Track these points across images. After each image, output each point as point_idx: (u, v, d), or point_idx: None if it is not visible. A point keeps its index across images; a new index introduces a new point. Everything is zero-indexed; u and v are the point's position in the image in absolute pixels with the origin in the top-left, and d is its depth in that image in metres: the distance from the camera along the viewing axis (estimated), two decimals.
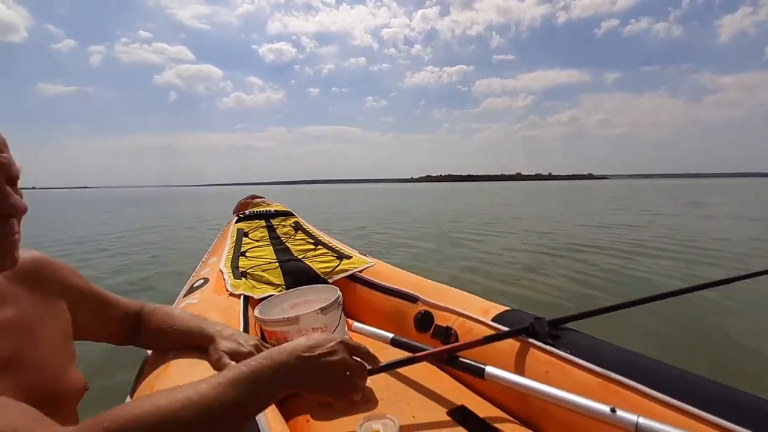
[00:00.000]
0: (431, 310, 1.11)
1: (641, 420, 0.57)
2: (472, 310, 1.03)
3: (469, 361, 0.81)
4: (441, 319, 1.07)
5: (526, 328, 0.87)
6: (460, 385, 0.92)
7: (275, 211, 1.76)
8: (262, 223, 1.66)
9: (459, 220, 9.21)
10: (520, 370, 0.82)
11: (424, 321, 1.09)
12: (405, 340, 0.96)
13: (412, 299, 1.17)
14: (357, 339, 1.07)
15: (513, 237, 6.27)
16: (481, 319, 0.98)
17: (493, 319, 0.97)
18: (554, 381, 0.75)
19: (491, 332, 0.93)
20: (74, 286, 0.66)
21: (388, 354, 1.00)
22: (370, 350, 0.62)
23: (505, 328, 0.91)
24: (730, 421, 0.55)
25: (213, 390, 0.45)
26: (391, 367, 0.71)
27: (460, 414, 0.79)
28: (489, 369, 0.77)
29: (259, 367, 0.50)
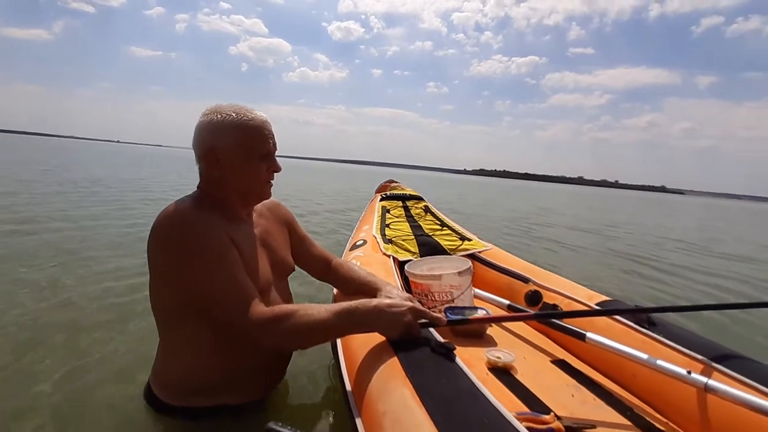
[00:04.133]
0: (540, 290, 1.36)
1: (710, 381, 0.78)
2: (578, 295, 1.26)
3: (573, 327, 1.06)
4: (549, 298, 1.32)
5: (628, 312, 1.08)
6: (558, 346, 1.17)
7: (409, 195, 2.15)
8: (400, 203, 2.06)
9: (552, 219, 8.80)
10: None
11: (534, 298, 1.35)
12: (519, 306, 1.24)
13: (524, 279, 1.43)
14: (478, 302, 1.40)
15: (609, 240, 5.88)
16: (586, 302, 1.21)
17: (597, 305, 1.19)
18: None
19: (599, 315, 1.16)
20: (291, 221, 1.18)
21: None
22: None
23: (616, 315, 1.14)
24: None
25: (328, 313, 0.83)
26: (462, 322, 1.04)
27: (562, 364, 1.05)
28: (590, 334, 1.02)
29: (354, 309, 0.84)
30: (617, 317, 1.09)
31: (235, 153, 0.90)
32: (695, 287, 3.77)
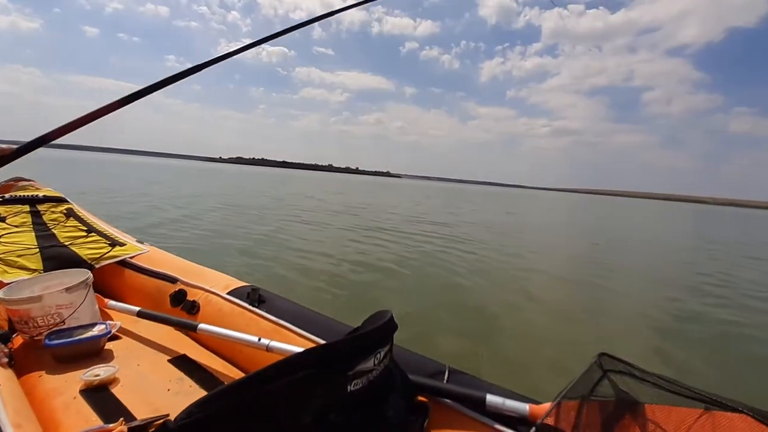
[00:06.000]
0: (186, 288, 1.38)
1: (271, 342, 0.98)
2: (217, 287, 1.35)
3: (187, 321, 1.12)
4: (192, 295, 1.35)
5: (244, 296, 1.23)
6: (192, 340, 1.23)
7: (44, 196, 1.72)
8: (26, 208, 1.62)
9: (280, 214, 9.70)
10: (232, 324, 1.18)
11: (178, 297, 1.36)
12: (150, 312, 1.21)
13: (172, 280, 1.42)
14: (112, 314, 1.28)
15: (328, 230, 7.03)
16: (219, 292, 1.30)
17: (229, 293, 1.31)
18: (250, 329, 1.13)
19: (224, 302, 1.27)
20: None
21: (141, 326, 1.24)
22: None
23: (235, 299, 1.27)
24: (313, 333, 1.01)
25: None
26: None
27: (179, 359, 1.10)
28: (201, 325, 1.10)
29: None
30: (237, 301, 1.23)
31: None
32: (408, 248, 4.98)
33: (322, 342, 1.01)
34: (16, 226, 1.52)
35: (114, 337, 1.16)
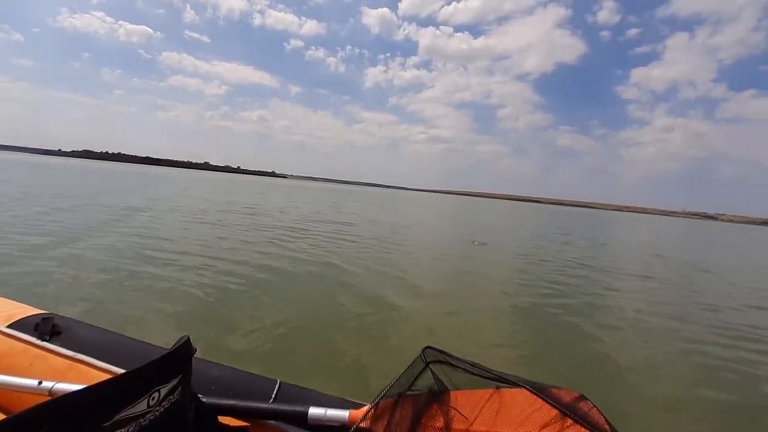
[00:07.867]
0: None
1: (56, 385, 0.81)
2: None
3: None
4: None
5: (32, 327, 0.99)
6: None
7: None
8: None
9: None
10: (11, 366, 0.93)
11: None
12: None
13: None
14: None
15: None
16: None
17: (11, 325, 1.04)
18: (35, 370, 0.91)
19: (2, 338, 1.00)
20: None
21: None
22: None
23: (18, 333, 1.01)
24: (119, 364, 0.87)
25: None
26: None
27: None
28: None
29: None
30: (20, 335, 0.99)
31: None
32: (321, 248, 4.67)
33: None
34: None
35: None
